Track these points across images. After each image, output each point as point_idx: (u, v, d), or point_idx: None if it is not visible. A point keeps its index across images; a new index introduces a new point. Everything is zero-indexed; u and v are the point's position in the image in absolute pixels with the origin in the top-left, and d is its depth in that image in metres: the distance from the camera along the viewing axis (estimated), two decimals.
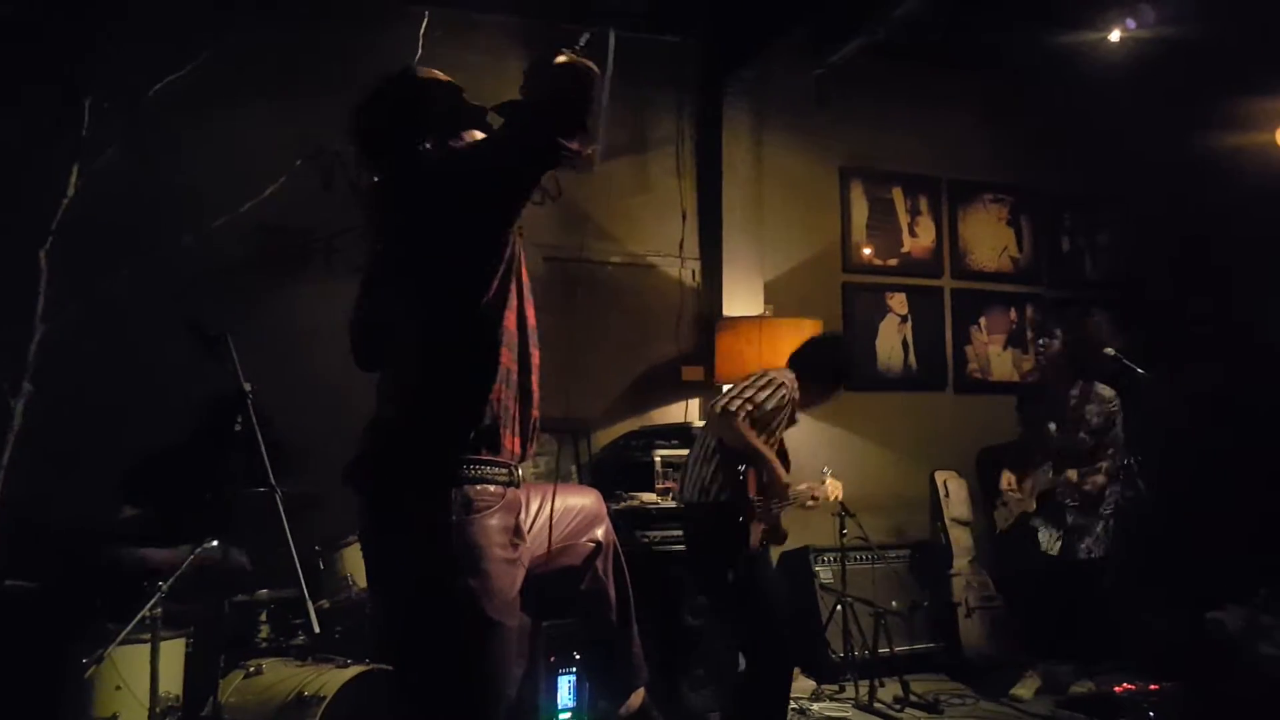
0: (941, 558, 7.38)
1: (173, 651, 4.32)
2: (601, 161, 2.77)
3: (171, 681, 4.29)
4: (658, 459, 6.33)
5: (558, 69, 2.62)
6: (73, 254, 5.30)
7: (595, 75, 2.61)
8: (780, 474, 4.88)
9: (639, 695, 3.44)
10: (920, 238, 8.22)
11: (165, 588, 4.07)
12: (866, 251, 8.02)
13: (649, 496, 6.22)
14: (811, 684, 6.49)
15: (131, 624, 3.96)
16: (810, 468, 5.76)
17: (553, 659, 5.32)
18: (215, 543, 4.24)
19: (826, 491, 5.45)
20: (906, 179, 8.22)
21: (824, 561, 6.94)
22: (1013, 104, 8.33)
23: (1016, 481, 6.50)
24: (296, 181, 6.02)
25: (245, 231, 5.95)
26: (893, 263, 8.12)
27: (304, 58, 6.32)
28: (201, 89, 5.71)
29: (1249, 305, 8.16)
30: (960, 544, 7.41)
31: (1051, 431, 6.39)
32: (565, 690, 5.37)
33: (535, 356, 2.80)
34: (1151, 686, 5.78)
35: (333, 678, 4.19)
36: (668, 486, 6.21)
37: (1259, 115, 6.53)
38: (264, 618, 4.81)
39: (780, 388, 4.91)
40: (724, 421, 4.78)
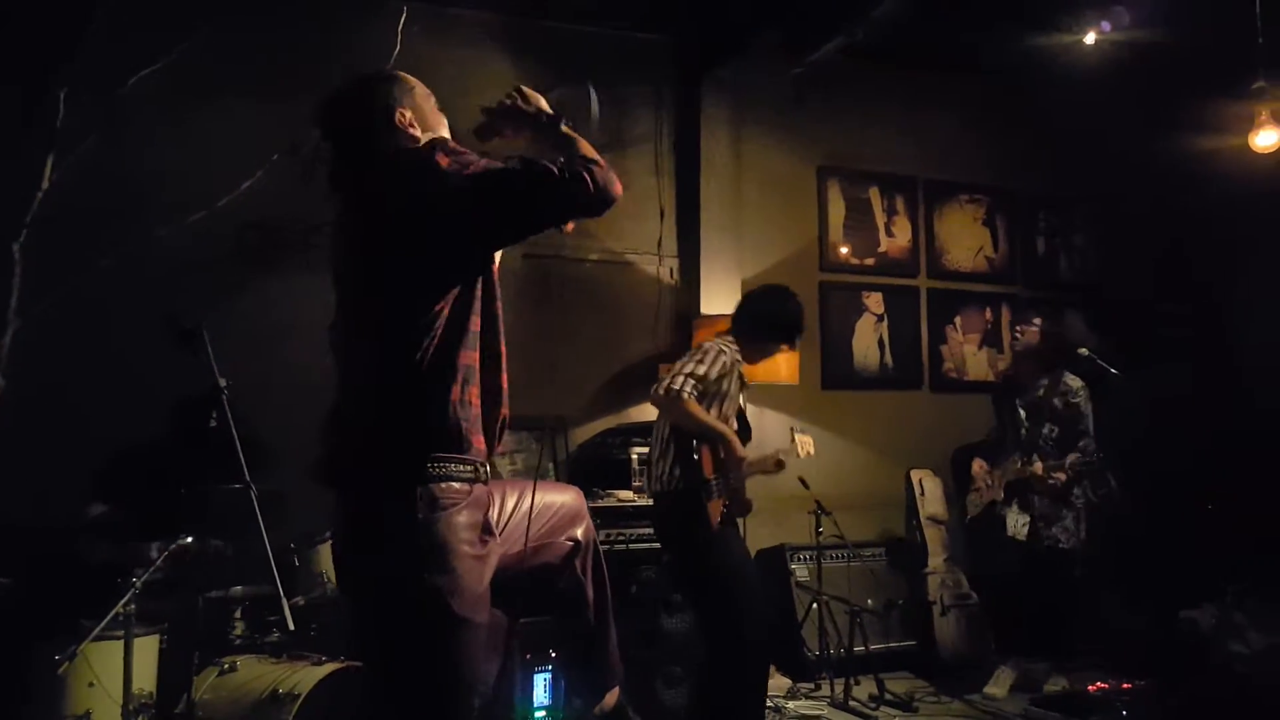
0: (917, 556, 7.39)
1: (146, 648, 4.30)
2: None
3: (145, 678, 4.27)
4: (634, 457, 6.33)
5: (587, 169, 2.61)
6: (47, 247, 5.27)
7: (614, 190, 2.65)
8: (736, 447, 4.79)
9: (614, 694, 3.43)
10: (897, 237, 8.25)
11: (139, 584, 4.06)
12: (843, 250, 8.04)
13: (626, 494, 6.23)
14: (787, 682, 6.52)
15: (105, 620, 3.95)
16: (789, 467, 5.72)
17: (528, 657, 5.31)
18: (189, 539, 4.22)
19: (796, 449, 5.37)
20: (883, 178, 8.24)
21: (800, 560, 6.94)
22: (989, 105, 8.38)
23: (988, 470, 6.54)
24: (274, 176, 5.99)
25: (222, 226, 5.92)
26: (869, 262, 8.14)
27: (282, 52, 6.29)
28: (178, 82, 5.68)
29: (1221, 307, 8.23)
30: (935, 542, 7.43)
31: (1022, 420, 6.43)
32: (541, 688, 5.36)
33: (503, 354, 2.78)
34: (1124, 685, 5.82)
35: (307, 675, 4.18)
36: (645, 483, 6.22)
37: (1233, 118, 6.56)
38: (238, 614, 4.81)
39: (719, 354, 4.84)
40: (671, 404, 4.71)
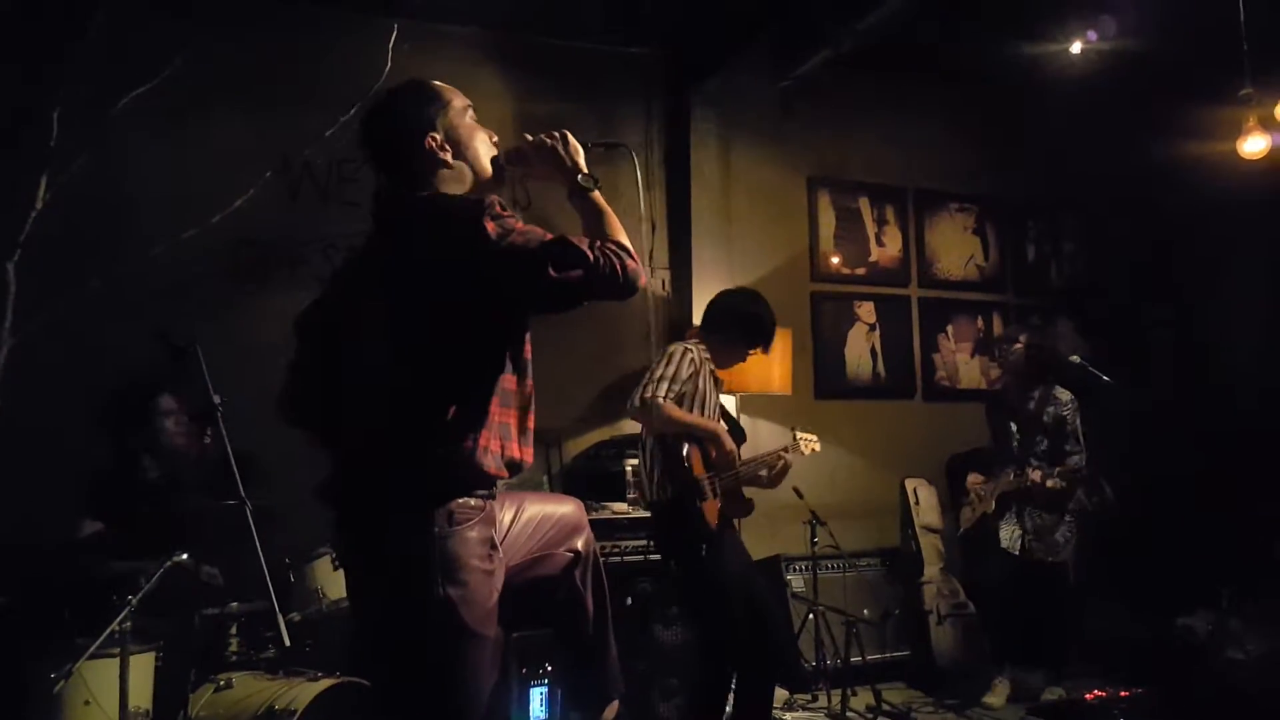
0: (912, 566, 7.39)
1: (142, 666, 4.28)
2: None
3: (141, 696, 4.25)
4: (628, 468, 6.34)
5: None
6: (41, 266, 5.27)
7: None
8: (725, 440, 4.79)
9: (613, 707, 3.41)
10: (887, 247, 8.26)
11: (135, 601, 4.05)
12: (834, 261, 8.05)
13: (620, 506, 6.23)
14: (784, 693, 6.49)
15: (100, 638, 3.93)
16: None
17: (524, 671, 5.31)
18: (185, 556, 4.22)
19: (799, 447, 5.29)
20: (873, 189, 8.26)
21: (795, 570, 6.93)
22: (978, 114, 8.39)
23: (982, 483, 6.54)
24: (266, 193, 6.00)
25: (215, 243, 5.93)
26: (860, 272, 8.16)
27: (273, 70, 6.32)
28: (170, 101, 5.70)
29: (1210, 313, 8.26)
30: (931, 552, 7.43)
31: (1014, 433, 6.44)
32: (537, 702, 5.37)
33: (531, 397, 2.81)
34: (1122, 693, 5.82)
35: (303, 691, 4.18)
36: (639, 496, 6.22)
37: (1220, 125, 6.58)
38: (234, 631, 4.79)
39: (685, 353, 4.87)
40: (650, 413, 4.72)
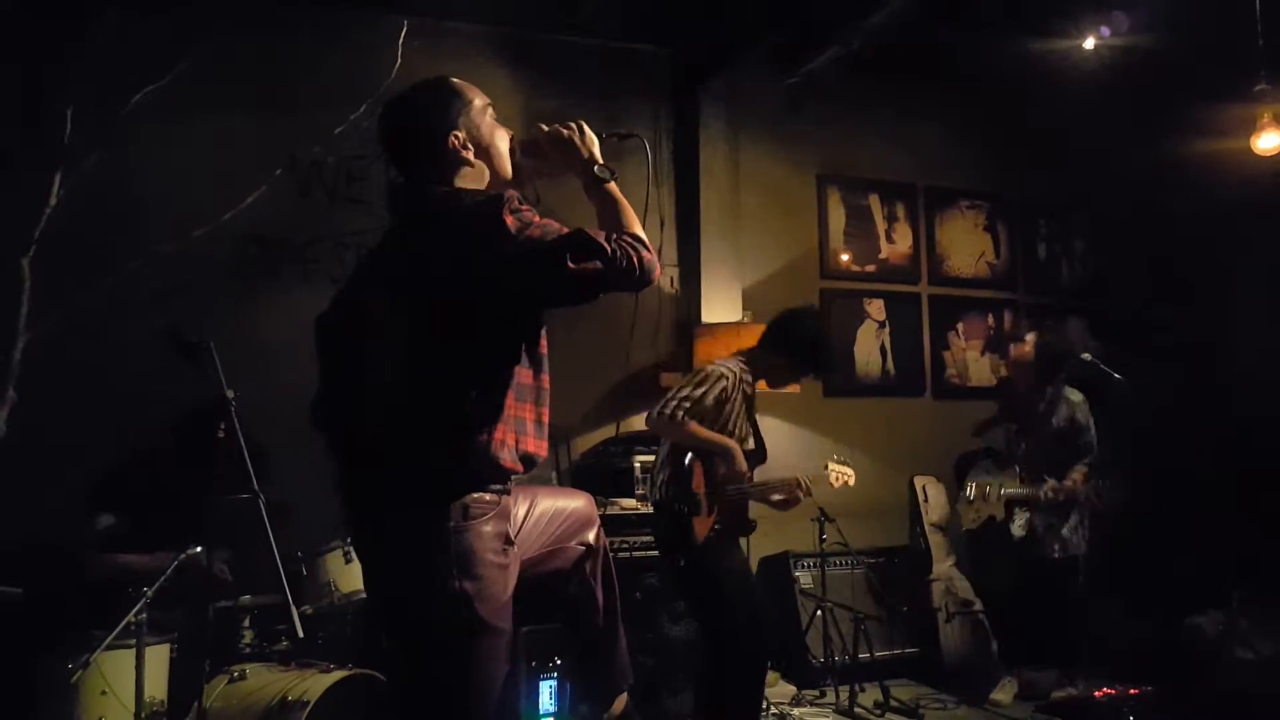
0: (921, 563, 7.38)
1: (158, 657, 4.32)
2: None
3: (156, 687, 4.29)
4: (637, 465, 6.34)
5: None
6: (55, 262, 5.31)
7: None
8: (738, 459, 4.78)
9: (622, 700, 3.44)
10: (897, 244, 8.28)
11: (150, 593, 4.08)
12: (844, 258, 8.07)
13: (629, 502, 6.24)
14: (792, 689, 6.52)
15: (117, 630, 3.97)
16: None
17: (533, 664, 5.33)
18: (199, 549, 4.25)
19: (829, 478, 5.23)
20: (883, 186, 8.27)
21: (804, 567, 6.95)
22: (988, 111, 8.39)
23: (979, 489, 6.50)
24: (275, 190, 6.03)
25: (225, 240, 5.96)
26: (870, 269, 8.17)
27: (282, 68, 6.37)
28: (181, 99, 5.73)
29: (1221, 311, 8.25)
30: (939, 549, 7.41)
31: (1021, 449, 6.39)
32: (547, 695, 5.38)
33: (547, 393, 2.82)
34: (1131, 691, 5.82)
35: (316, 682, 4.20)
36: (646, 493, 6.24)
37: (1234, 122, 6.58)
38: (247, 623, 4.83)
39: (719, 380, 4.83)
40: (667, 426, 4.75)
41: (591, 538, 3.24)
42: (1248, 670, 6.24)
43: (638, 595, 5.85)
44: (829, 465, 5.31)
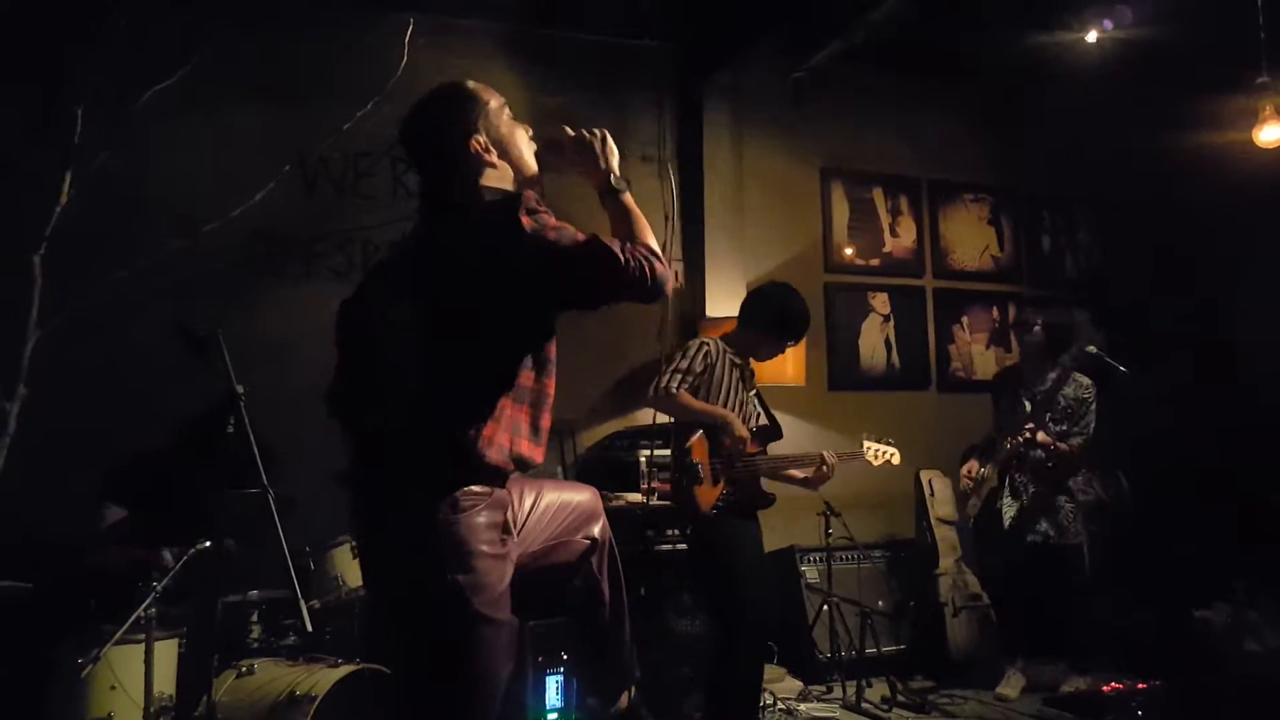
0: (927, 557, 7.40)
1: (166, 652, 4.36)
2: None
3: (165, 681, 4.33)
4: (642, 459, 6.35)
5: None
6: (66, 260, 5.32)
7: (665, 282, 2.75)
8: (736, 427, 4.84)
9: (628, 695, 3.46)
10: (901, 238, 8.29)
11: (159, 588, 4.11)
12: (848, 252, 8.08)
13: (634, 497, 6.24)
14: (799, 684, 6.51)
15: (126, 624, 4.00)
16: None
17: (540, 659, 5.35)
18: (208, 543, 4.27)
19: (866, 455, 5.38)
20: (887, 179, 8.29)
21: (810, 561, 6.96)
22: (992, 104, 8.40)
23: (978, 468, 6.47)
24: (284, 187, 6.05)
25: (234, 236, 5.98)
26: (874, 263, 8.19)
27: (291, 65, 6.41)
28: (190, 96, 5.74)
29: (1226, 304, 8.26)
30: (946, 543, 7.42)
31: (1026, 409, 6.29)
32: (553, 690, 5.39)
33: (550, 398, 2.83)
34: (1139, 685, 5.83)
35: (324, 677, 4.23)
36: (653, 486, 6.23)
37: (1236, 114, 6.58)
38: (256, 618, 4.86)
39: (700, 346, 4.96)
40: (663, 400, 4.86)
41: (597, 532, 3.23)
42: (1256, 663, 6.26)
43: (643, 590, 5.86)
44: (866, 442, 5.38)
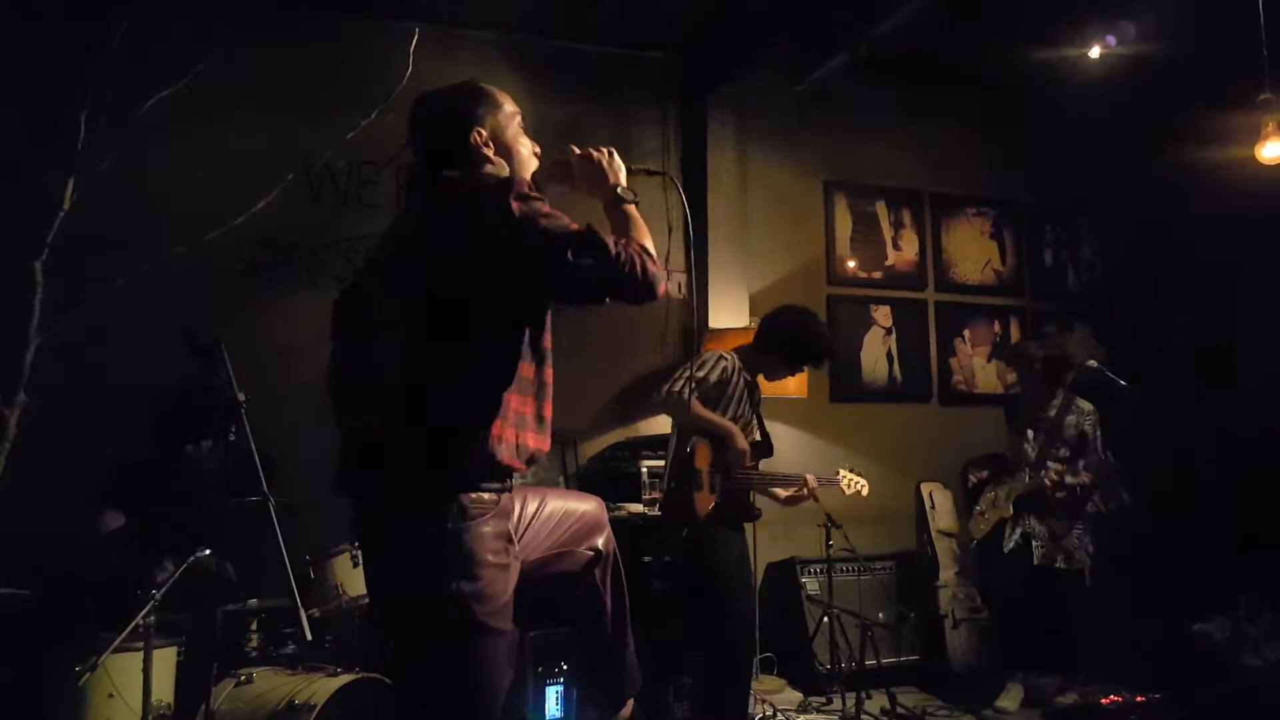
0: (928, 569, 7.40)
1: (165, 660, 4.34)
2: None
3: (164, 690, 4.31)
4: (644, 470, 6.35)
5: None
6: (67, 266, 5.32)
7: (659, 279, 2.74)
8: (738, 440, 4.86)
9: (630, 706, 3.44)
10: (904, 251, 8.29)
11: (159, 596, 4.11)
12: (851, 264, 8.08)
13: (636, 507, 6.25)
14: (799, 695, 6.52)
15: (125, 632, 3.99)
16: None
17: (540, 669, 5.34)
18: (208, 551, 4.27)
19: (841, 484, 5.40)
20: (890, 192, 8.29)
21: (810, 573, 6.96)
22: (995, 118, 8.40)
23: (992, 490, 6.45)
24: (287, 195, 6.05)
25: (237, 244, 5.99)
26: (877, 275, 8.18)
27: (295, 74, 6.44)
28: (194, 104, 5.74)
29: (1228, 318, 8.24)
30: (946, 556, 7.43)
31: (1031, 440, 6.35)
32: (553, 700, 5.38)
33: (550, 387, 2.82)
34: (1138, 698, 5.82)
35: (323, 686, 4.22)
36: (654, 497, 6.23)
37: (1238, 130, 6.57)
38: (255, 627, 4.85)
39: (720, 360, 4.98)
40: (670, 403, 4.86)
41: (601, 543, 3.21)
42: (1255, 677, 6.24)
43: (644, 600, 5.84)
44: (840, 471, 5.42)
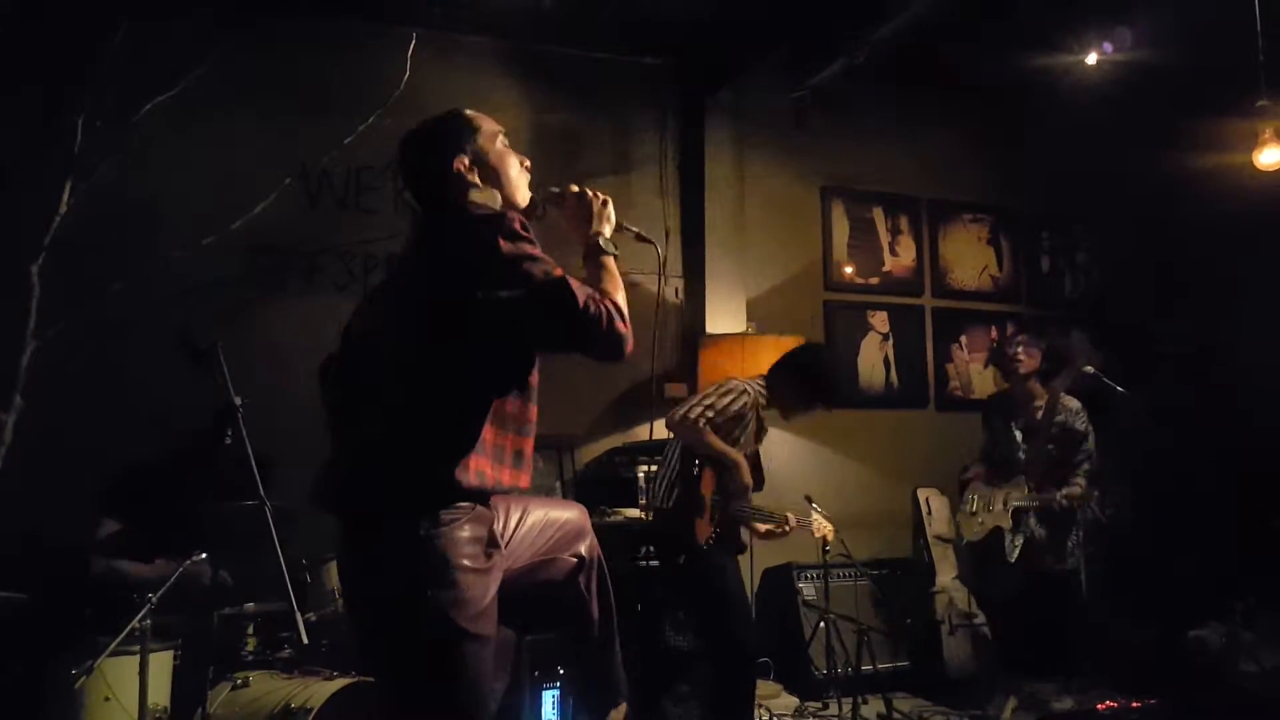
0: (924, 575, 7.40)
1: (161, 664, 4.33)
2: (585, 181, 2.82)
3: (160, 693, 4.30)
4: (641, 475, 6.36)
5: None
6: (64, 270, 5.33)
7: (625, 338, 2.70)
8: (744, 473, 4.91)
9: (620, 711, 3.43)
10: (901, 257, 8.30)
11: (155, 600, 4.10)
12: (848, 270, 8.09)
13: (633, 512, 6.25)
14: (795, 701, 6.51)
15: (121, 636, 3.99)
16: (794, 487, 5.71)
17: (536, 674, 5.33)
18: (204, 555, 4.27)
19: (813, 527, 5.48)
20: (887, 198, 8.31)
21: (807, 578, 6.96)
22: (992, 125, 8.42)
23: (982, 501, 6.41)
24: (285, 200, 6.06)
25: (234, 249, 6.00)
26: (874, 281, 8.20)
27: (292, 79, 6.44)
28: (192, 109, 5.75)
29: (1224, 324, 8.25)
30: (942, 561, 7.42)
31: (1019, 441, 6.31)
32: (549, 705, 5.38)
33: (533, 422, 2.82)
34: (1134, 704, 5.82)
35: (319, 690, 4.22)
36: (649, 501, 6.25)
37: (1235, 137, 6.59)
38: (251, 631, 4.84)
39: (742, 394, 4.98)
40: (685, 428, 4.87)
41: (584, 550, 3.20)
42: (1251, 683, 6.24)
43: (639, 606, 5.85)
44: (813, 514, 5.51)
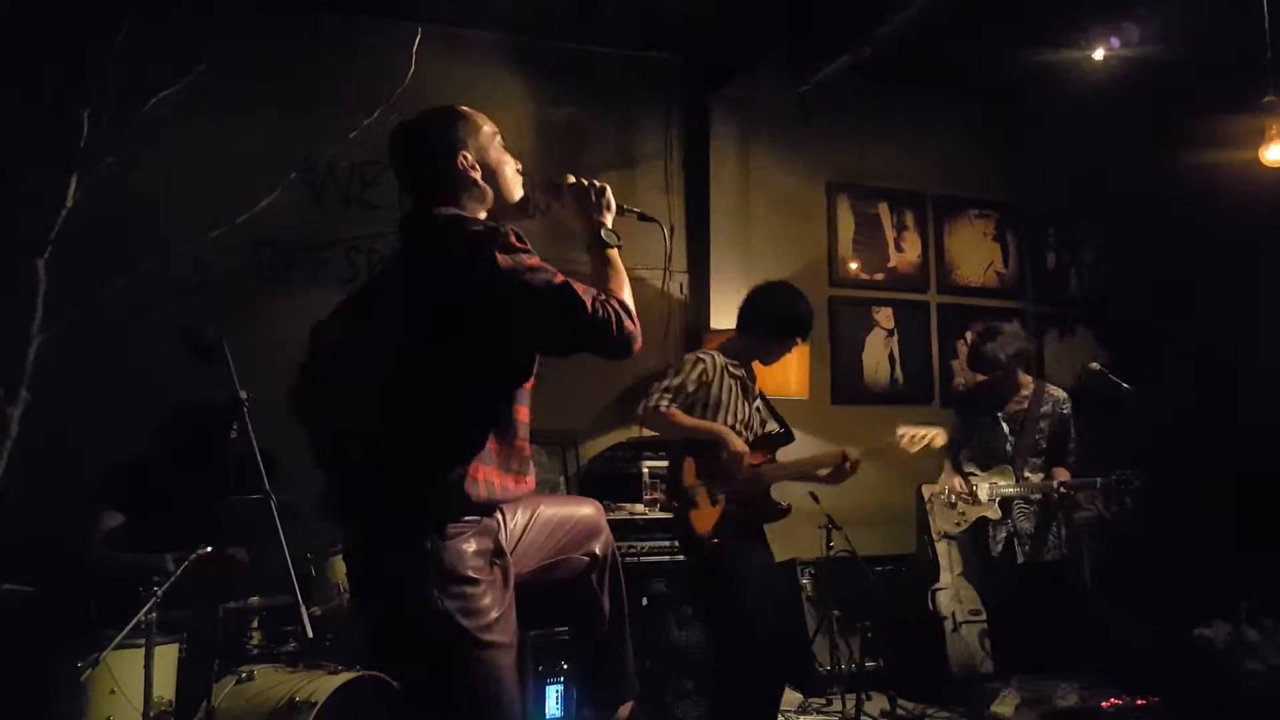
0: (928, 572, 7.39)
1: (166, 657, 4.33)
2: (590, 177, 2.82)
3: (165, 686, 4.30)
4: (645, 470, 6.37)
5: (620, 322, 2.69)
6: (70, 264, 5.34)
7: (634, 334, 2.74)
8: (731, 441, 4.65)
9: (627, 707, 3.42)
10: (906, 252, 8.29)
11: (160, 593, 4.10)
12: (853, 266, 8.09)
13: (637, 507, 6.26)
14: (798, 697, 6.53)
15: (127, 629, 3.98)
16: (797, 484, 5.60)
17: (540, 669, 5.34)
18: (209, 548, 4.27)
19: (902, 444, 5.08)
20: (892, 194, 8.30)
21: (811, 574, 6.96)
22: (998, 121, 8.41)
23: (962, 485, 6.28)
24: (290, 194, 6.07)
25: (239, 244, 6.00)
26: (879, 277, 8.19)
27: (297, 73, 6.44)
28: (197, 103, 5.75)
29: (1231, 322, 8.24)
30: (946, 558, 7.41)
31: (1005, 431, 6.26)
32: (553, 700, 5.39)
33: (527, 428, 2.82)
34: (1138, 701, 5.82)
35: (324, 684, 4.22)
36: (655, 498, 6.25)
37: (1242, 133, 6.57)
38: (256, 624, 4.84)
39: (696, 364, 4.81)
40: (651, 418, 4.73)
41: (598, 548, 3.18)
42: (1256, 682, 6.23)
43: (644, 601, 5.86)
44: (900, 429, 5.13)
